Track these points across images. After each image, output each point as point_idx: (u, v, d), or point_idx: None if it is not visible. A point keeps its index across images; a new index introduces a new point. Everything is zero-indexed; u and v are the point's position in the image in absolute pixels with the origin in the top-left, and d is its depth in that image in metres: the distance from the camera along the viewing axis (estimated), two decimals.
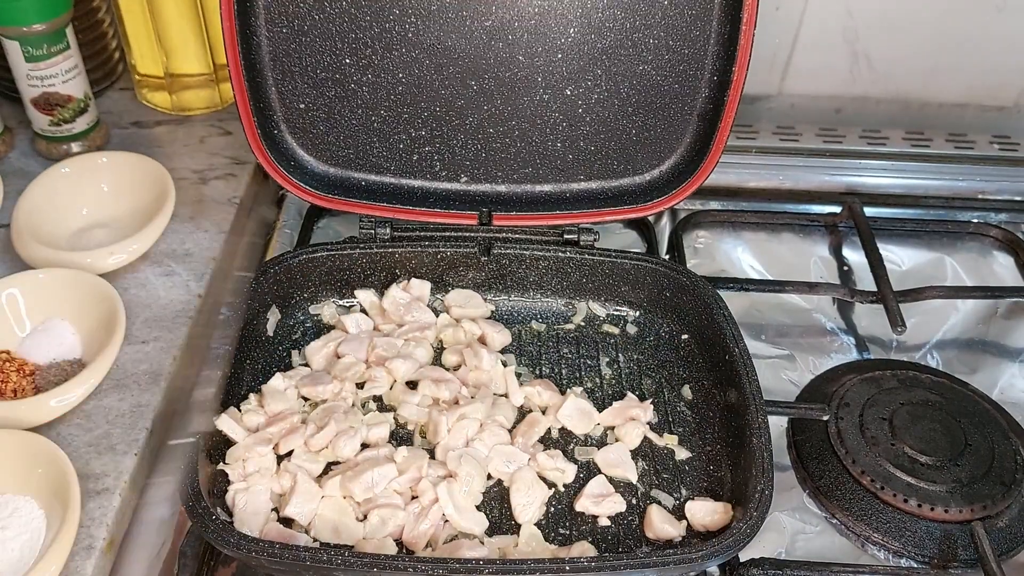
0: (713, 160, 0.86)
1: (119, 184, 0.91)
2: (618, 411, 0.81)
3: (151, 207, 0.87)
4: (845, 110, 1.14)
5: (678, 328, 0.89)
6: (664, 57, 0.82)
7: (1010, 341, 0.96)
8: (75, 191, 0.89)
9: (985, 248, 1.06)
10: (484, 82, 0.83)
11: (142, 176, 0.90)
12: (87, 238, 0.87)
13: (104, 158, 0.92)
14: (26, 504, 0.66)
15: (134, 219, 0.87)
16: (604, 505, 0.73)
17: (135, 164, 0.91)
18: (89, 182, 0.90)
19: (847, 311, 0.98)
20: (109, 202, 0.90)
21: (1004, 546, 0.75)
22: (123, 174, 0.91)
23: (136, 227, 0.85)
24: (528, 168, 0.88)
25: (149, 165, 0.90)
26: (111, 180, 0.91)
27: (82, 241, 0.87)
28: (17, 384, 0.74)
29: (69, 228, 0.88)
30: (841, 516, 0.78)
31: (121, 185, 0.91)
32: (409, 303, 0.88)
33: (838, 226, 1.06)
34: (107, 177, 0.91)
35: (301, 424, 0.76)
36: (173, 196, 0.88)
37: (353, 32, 0.80)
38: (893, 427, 0.81)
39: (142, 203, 0.89)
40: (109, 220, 0.89)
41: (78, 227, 0.88)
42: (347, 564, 0.62)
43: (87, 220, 0.89)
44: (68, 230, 0.88)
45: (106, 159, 0.92)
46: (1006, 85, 1.12)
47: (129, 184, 0.90)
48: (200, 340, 0.81)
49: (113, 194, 0.90)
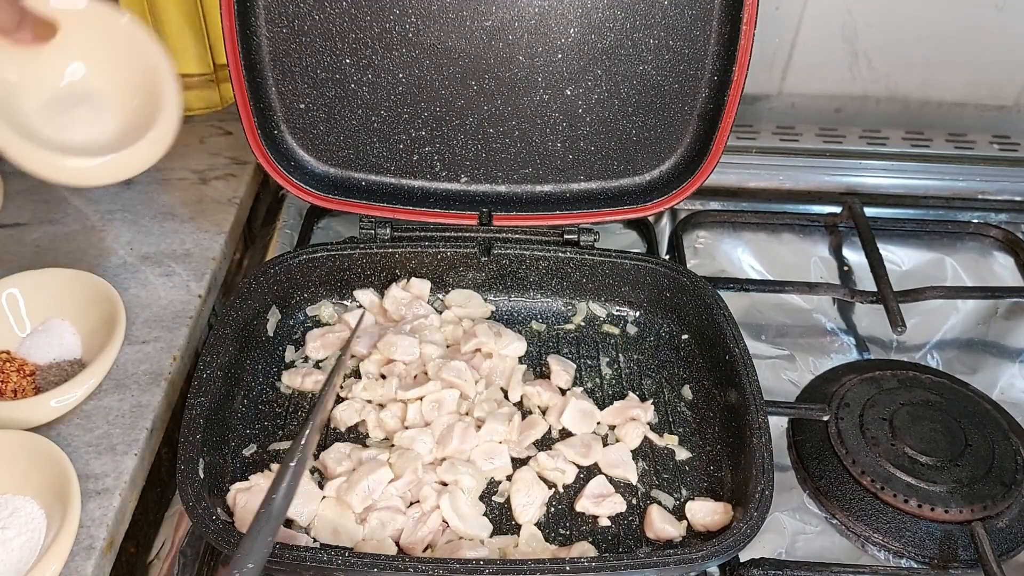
0: (713, 160, 0.86)
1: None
2: (618, 411, 0.81)
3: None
4: (845, 110, 1.14)
5: (678, 328, 0.89)
6: (664, 57, 0.82)
7: (1010, 341, 0.96)
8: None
9: (985, 248, 1.06)
10: (484, 82, 0.83)
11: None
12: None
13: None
14: (26, 504, 0.66)
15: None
16: (604, 505, 0.73)
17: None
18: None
19: (847, 311, 0.98)
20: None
21: (1004, 546, 0.75)
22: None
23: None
24: (528, 168, 0.88)
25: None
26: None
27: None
28: (17, 384, 0.74)
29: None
30: (841, 516, 0.77)
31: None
32: (410, 302, 0.88)
33: (838, 226, 1.06)
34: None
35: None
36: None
37: (353, 32, 0.80)
38: (893, 427, 0.81)
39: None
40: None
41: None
42: (347, 564, 0.62)
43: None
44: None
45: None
46: (1006, 84, 1.12)
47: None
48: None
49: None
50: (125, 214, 0.94)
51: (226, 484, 0.72)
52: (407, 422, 0.78)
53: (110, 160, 0.71)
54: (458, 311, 0.89)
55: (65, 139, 0.71)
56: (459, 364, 0.81)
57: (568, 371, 0.84)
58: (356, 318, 0.87)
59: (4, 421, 0.70)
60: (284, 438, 0.78)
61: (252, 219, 1.02)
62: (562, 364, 0.84)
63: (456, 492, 0.72)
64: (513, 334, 0.85)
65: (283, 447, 0.77)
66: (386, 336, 0.83)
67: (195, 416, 0.70)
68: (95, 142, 0.72)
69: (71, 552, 0.63)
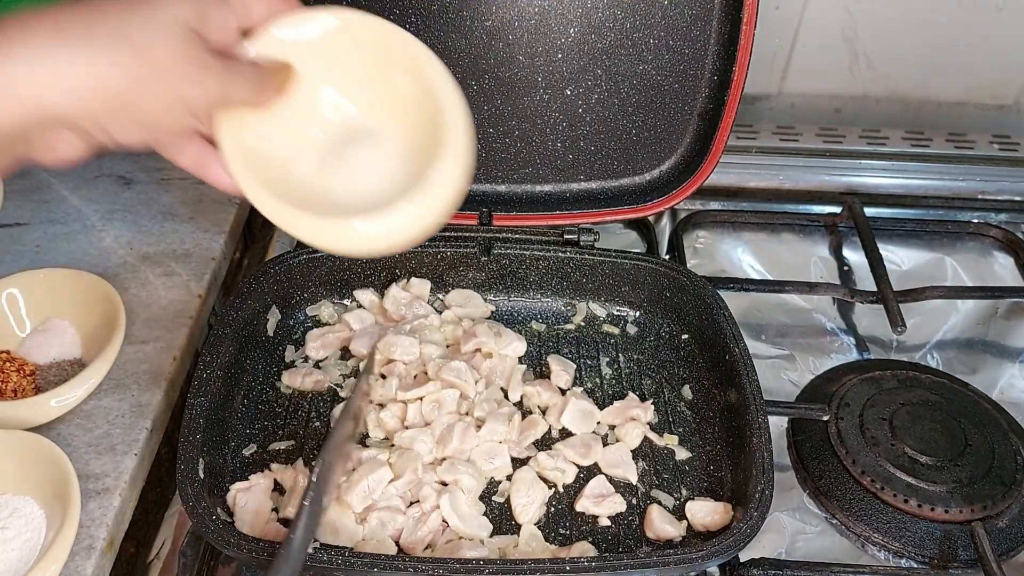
0: (713, 160, 0.86)
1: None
2: (618, 411, 0.81)
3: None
4: (845, 109, 1.14)
5: (678, 328, 0.89)
6: (664, 57, 0.82)
7: (1010, 341, 0.96)
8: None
9: (985, 248, 1.06)
10: (484, 82, 0.83)
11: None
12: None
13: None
14: (26, 504, 0.66)
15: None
16: (604, 505, 0.73)
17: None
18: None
19: (847, 311, 0.98)
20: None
21: (1004, 546, 0.75)
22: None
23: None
24: (528, 168, 0.88)
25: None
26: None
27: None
28: (17, 384, 0.74)
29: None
30: (841, 516, 0.77)
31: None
32: (410, 301, 0.88)
33: (838, 226, 1.06)
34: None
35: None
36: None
37: None
38: (893, 427, 0.81)
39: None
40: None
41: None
42: (347, 564, 0.62)
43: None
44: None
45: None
46: (1006, 84, 1.12)
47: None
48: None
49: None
50: (125, 214, 0.94)
51: (226, 484, 0.72)
52: (407, 422, 0.78)
53: (403, 215, 0.55)
54: (458, 311, 0.89)
55: (353, 196, 0.58)
56: (459, 364, 0.81)
57: (568, 371, 0.84)
58: (356, 318, 0.87)
59: (4, 421, 0.70)
60: (284, 438, 0.78)
61: (252, 219, 1.02)
62: (562, 364, 0.84)
63: (456, 492, 0.72)
64: (513, 334, 0.85)
65: (283, 447, 0.77)
66: (386, 336, 0.83)
67: (195, 416, 0.70)
68: (384, 191, 0.57)
69: (71, 552, 0.63)
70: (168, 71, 0.48)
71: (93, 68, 0.46)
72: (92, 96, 0.46)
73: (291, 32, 0.56)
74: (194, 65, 0.49)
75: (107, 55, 0.46)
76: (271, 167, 0.57)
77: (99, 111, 0.47)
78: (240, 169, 0.55)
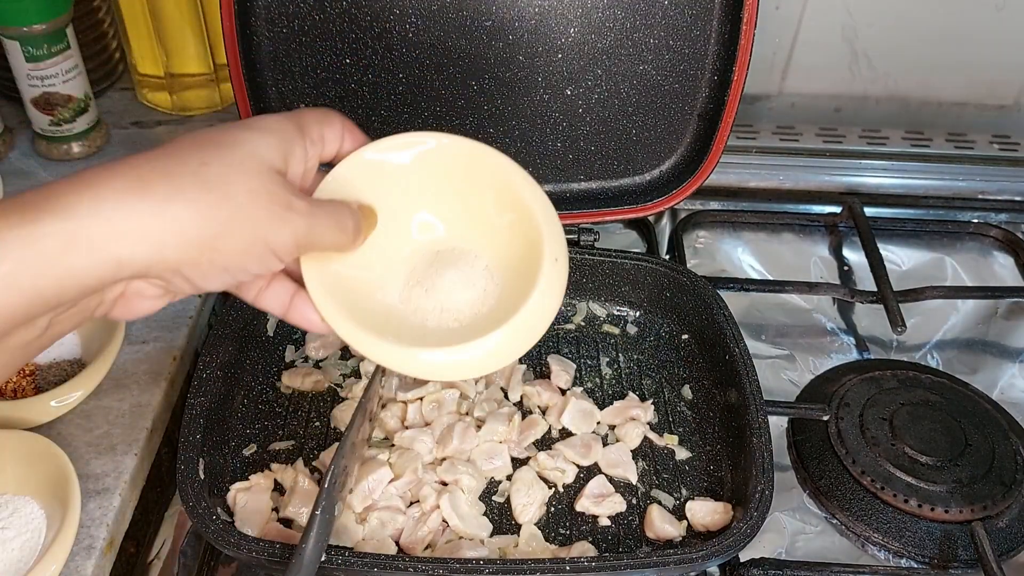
0: (713, 160, 0.86)
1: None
2: (618, 411, 0.81)
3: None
4: (845, 110, 1.14)
5: (678, 328, 0.89)
6: (664, 57, 0.82)
7: (1010, 341, 0.96)
8: None
9: (985, 248, 1.06)
10: (484, 82, 0.83)
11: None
12: None
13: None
14: (26, 504, 0.66)
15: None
16: (604, 505, 0.73)
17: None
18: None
19: (847, 311, 0.98)
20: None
21: (1004, 546, 0.75)
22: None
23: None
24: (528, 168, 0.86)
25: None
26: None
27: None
28: (17, 384, 0.74)
29: None
30: (841, 516, 0.77)
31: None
32: None
33: (838, 226, 1.06)
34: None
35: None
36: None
37: (353, 32, 0.80)
38: (893, 427, 0.81)
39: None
40: None
41: None
42: (347, 564, 0.62)
43: None
44: None
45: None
46: (1006, 84, 1.12)
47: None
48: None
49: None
50: None
51: (226, 484, 0.72)
52: (407, 422, 0.78)
53: (485, 348, 0.53)
54: None
55: (443, 318, 0.56)
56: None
57: (568, 371, 0.84)
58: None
59: (4, 421, 0.70)
60: (284, 438, 0.78)
61: None
62: (562, 364, 0.84)
63: (456, 492, 0.72)
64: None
65: (283, 447, 0.77)
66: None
67: (195, 416, 0.70)
68: (474, 312, 0.57)
69: (71, 552, 0.63)
70: (252, 215, 0.45)
71: (176, 218, 0.43)
72: (174, 246, 0.43)
73: (380, 155, 0.55)
74: (279, 207, 0.46)
75: (189, 203, 0.43)
76: (358, 295, 0.55)
77: (181, 261, 0.44)
78: (328, 307, 0.53)
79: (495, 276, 0.58)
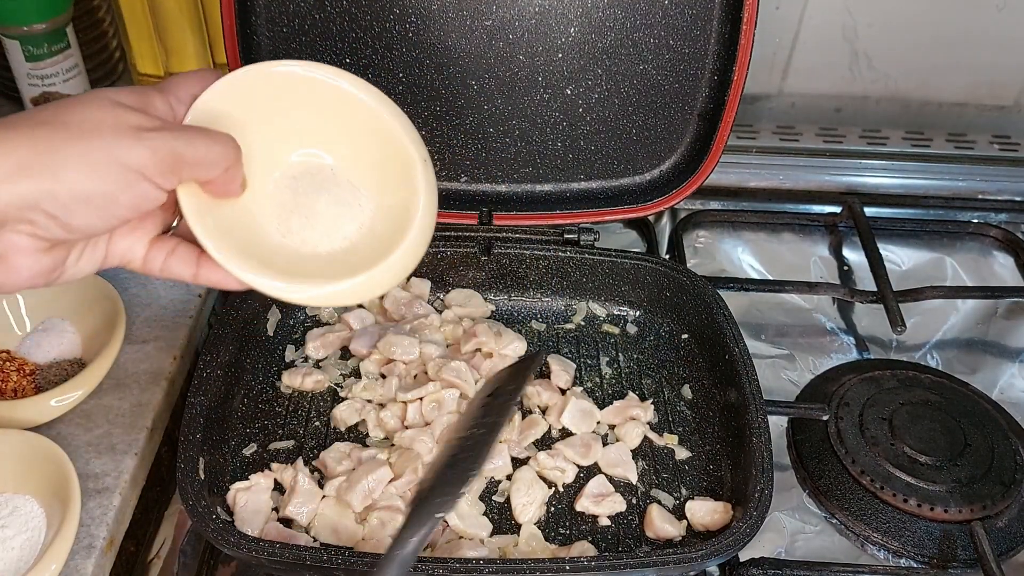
0: (713, 160, 0.86)
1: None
2: (618, 410, 0.81)
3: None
4: (845, 109, 1.14)
5: (678, 328, 0.89)
6: (664, 56, 0.82)
7: (1010, 341, 0.96)
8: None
9: (985, 248, 1.06)
10: (484, 82, 0.83)
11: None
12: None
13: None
14: (26, 503, 0.66)
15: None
16: (604, 505, 0.73)
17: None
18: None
19: (847, 311, 0.98)
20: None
21: (1004, 546, 0.75)
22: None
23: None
24: (528, 168, 0.88)
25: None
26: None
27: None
28: (17, 384, 0.74)
29: None
30: (841, 516, 0.78)
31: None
32: (410, 301, 0.88)
33: (838, 226, 1.06)
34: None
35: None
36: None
37: (353, 32, 0.80)
38: (893, 427, 0.81)
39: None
40: None
41: None
42: (347, 564, 0.62)
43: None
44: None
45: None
46: (1006, 84, 1.12)
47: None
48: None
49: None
50: None
51: (226, 483, 0.72)
52: (407, 422, 0.78)
53: (360, 280, 0.56)
54: (458, 311, 0.89)
55: (311, 244, 0.58)
56: (459, 364, 0.81)
57: (568, 371, 0.84)
58: (356, 318, 0.87)
59: (4, 421, 0.70)
60: (284, 437, 0.78)
61: None
62: (562, 364, 0.84)
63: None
64: (513, 334, 0.85)
65: (283, 446, 0.77)
66: (386, 336, 0.83)
67: (195, 415, 0.70)
68: (348, 245, 0.58)
69: (71, 551, 0.63)
70: (95, 138, 0.45)
71: (11, 152, 0.44)
72: (13, 178, 0.44)
73: (234, 89, 0.54)
74: (128, 128, 0.47)
75: (21, 134, 0.44)
76: (249, 236, 0.56)
77: (26, 193, 0.44)
78: (221, 250, 0.53)
79: (360, 186, 0.59)
